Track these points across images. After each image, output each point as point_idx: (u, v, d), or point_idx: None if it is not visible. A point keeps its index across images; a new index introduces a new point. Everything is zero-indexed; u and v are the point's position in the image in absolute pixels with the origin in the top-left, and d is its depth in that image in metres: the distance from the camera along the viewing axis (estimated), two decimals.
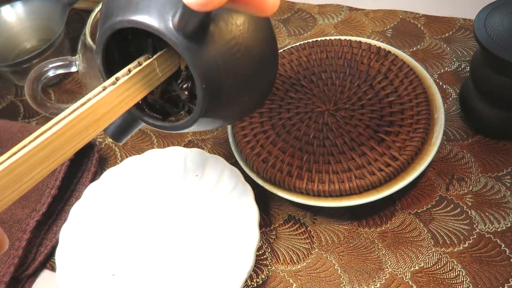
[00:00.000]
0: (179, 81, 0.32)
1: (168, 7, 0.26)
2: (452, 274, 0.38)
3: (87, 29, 0.47)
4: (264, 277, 0.41)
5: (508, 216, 0.41)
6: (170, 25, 0.25)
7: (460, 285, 0.38)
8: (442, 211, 0.42)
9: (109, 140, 0.54)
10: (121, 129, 0.33)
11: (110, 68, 0.31)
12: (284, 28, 0.63)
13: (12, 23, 0.64)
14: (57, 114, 0.55)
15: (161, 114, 0.33)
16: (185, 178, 0.46)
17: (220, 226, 0.43)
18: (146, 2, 0.26)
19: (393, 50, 0.49)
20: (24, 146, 0.23)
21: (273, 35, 0.30)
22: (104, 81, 0.30)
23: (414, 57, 0.55)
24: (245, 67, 0.28)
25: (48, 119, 0.58)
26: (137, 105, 0.32)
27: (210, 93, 0.28)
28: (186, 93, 0.32)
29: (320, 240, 0.42)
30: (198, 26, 0.25)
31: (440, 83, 0.52)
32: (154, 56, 0.29)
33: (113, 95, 0.26)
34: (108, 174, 0.47)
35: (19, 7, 0.64)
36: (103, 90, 0.26)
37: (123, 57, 0.31)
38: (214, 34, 0.26)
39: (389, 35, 0.58)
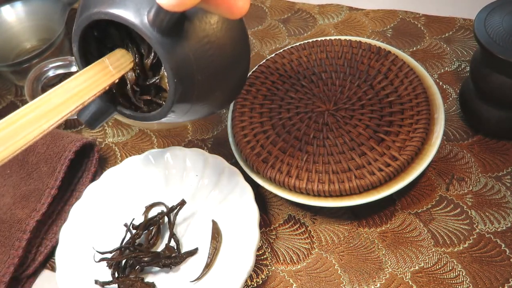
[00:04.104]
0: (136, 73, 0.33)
1: (144, 2, 0.26)
2: (452, 274, 0.38)
3: None
4: (264, 277, 0.41)
5: (508, 216, 0.41)
6: (145, 20, 0.26)
7: (460, 285, 0.38)
8: (442, 211, 0.42)
9: (109, 140, 0.54)
10: (95, 116, 0.33)
11: (88, 58, 0.31)
12: (284, 28, 0.63)
13: (12, 23, 0.64)
14: None
15: (133, 104, 0.33)
16: (185, 178, 0.46)
17: (220, 226, 0.43)
18: None
19: (393, 50, 0.49)
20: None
21: (246, 34, 0.31)
22: (79, 69, 0.31)
23: (414, 57, 0.55)
24: (216, 64, 0.29)
25: None
26: (110, 95, 0.33)
27: (181, 87, 0.29)
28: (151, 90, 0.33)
29: (320, 240, 0.42)
30: (172, 23, 0.26)
31: (440, 83, 0.52)
32: (106, 56, 0.30)
33: (69, 86, 0.27)
34: (108, 174, 0.47)
35: (19, 7, 0.64)
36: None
37: (101, 48, 0.32)
38: (188, 31, 0.27)
39: (389, 35, 0.58)
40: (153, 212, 0.45)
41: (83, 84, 0.28)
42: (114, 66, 0.30)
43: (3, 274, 0.42)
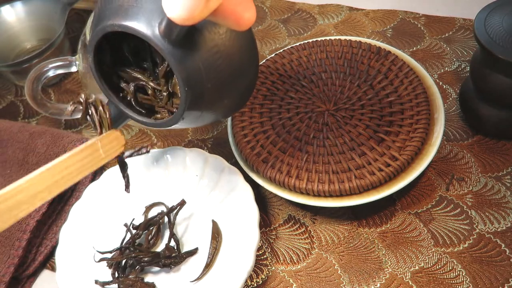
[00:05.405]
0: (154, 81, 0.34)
1: (156, 14, 0.27)
2: (452, 274, 0.38)
3: (87, 29, 0.47)
4: (264, 277, 0.41)
5: (508, 216, 0.41)
6: (157, 31, 0.27)
7: (460, 285, 0.38)
8: (442, 211, 0.42)
9: None
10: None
11: (102, 68, 0.32)
12: (284, 28, 0.63)
13: (12, 23, 0.64)
14: (57, 114, 0.56)
15: (146, 110, 0.34)
16: (185, 178, 0.46)
17: (220, 226, 0.43)
18: (136, 9, 0.28)
19: (393, 50, 0.49)
20: None
21: (254, 43, 0.32)
22: (95, 79, 0.32)
23: (414, 57, 0.55)
24: (225, 73, 0.30)
25: (48, 119, 0.58)
26: (125, 101, 0.34)
27: (192, 96, 0.30)
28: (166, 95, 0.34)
29: (320, 240, 0.42)
30: (183, 35, 0.27)
31: (440, 83, 0.52)
32: (98, 137, 0.30)
33: (54, 170, 0.26)
34: (108, 174, 0.47)
35: (19, 7, 0.64)
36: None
37: (115, 57, 0.33)
38: (197, 42, 0.28)
39: (389, 35, 0.58)
40: (153, 212, 0.45)
41: (71, 168, 0.26)
42: (105, 149, 0.29)
43: (3, 274, 0.42)
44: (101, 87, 0.33)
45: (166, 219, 0.44)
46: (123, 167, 0.35)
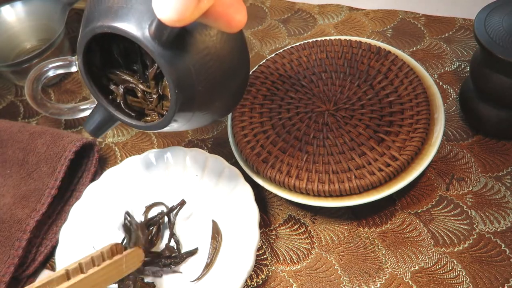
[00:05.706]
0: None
1: (146, 16, 0.27)
2: (452, 274, 0.38)
3: None
4: (264, 277, 0.41)
5: (508, 216, 0.41)
6: (147, 33, 0.27)
7: (460, 285, 0.38)
8: (442, 211, 0.42)
9: (109, 140, 0.54)
10: (100, 125, 0.34)
11: (92, 70, 0.32)
12: (284, 28, 0.63)
13: (12, 23, 0.64)
14: (57, 114, 0.56)
15: (136, 113, 0.34)
16: (185, 178, 0.46)
17: (220, 226, 0.43)
18: (126, 10, 0.27)
19: (393, 50, 0.49)
20: None
21: (245, 45, 0.31)
22: (84, 80, 0.32)
23: (414, 57, 0.55)
24: (216, 75, 0.30)
25: (48, 119, 0.58)
26: (114, 104, 0.33)
27: (183, 98, 0.29)
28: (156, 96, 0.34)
29: (320, 240, 0.42)
30: (173, 37, 0.26)
31: (440, 83, 0.52)
32: (125, 253, 0.33)
33: (82, 283, 0.30)
34: (108, 174, 0.47)
35: (19, 7, 0.64)
36: (67, 278, 0.30)
37: (105, 59, 0.33)
38: (188, 44, 0.28)
39: (389, 35, 0.58)
40: (153, 212, 0.45)
41: (97, 280, 0.31)
42: (127, 264, 0.33)
43: (3, 274, 0.42)
44: (90, 89, 0.32)
45: (166, 219, 0.44)
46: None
